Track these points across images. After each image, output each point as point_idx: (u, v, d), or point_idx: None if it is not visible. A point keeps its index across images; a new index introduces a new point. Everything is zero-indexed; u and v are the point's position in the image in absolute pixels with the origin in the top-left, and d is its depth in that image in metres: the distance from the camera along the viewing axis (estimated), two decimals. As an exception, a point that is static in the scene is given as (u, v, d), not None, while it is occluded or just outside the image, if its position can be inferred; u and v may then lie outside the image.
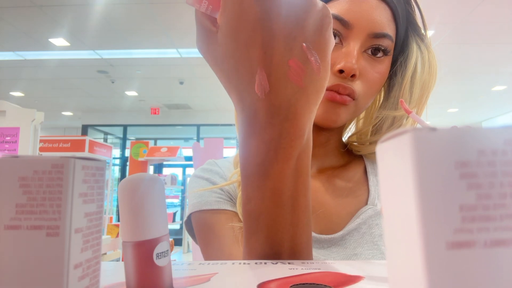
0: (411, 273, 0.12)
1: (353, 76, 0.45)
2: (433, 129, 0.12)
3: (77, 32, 3.85)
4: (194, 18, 0.56)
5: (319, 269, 0.27)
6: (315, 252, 0.45)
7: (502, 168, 0.12)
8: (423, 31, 0.52)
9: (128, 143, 7.50)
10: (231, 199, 0.49)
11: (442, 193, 0.12)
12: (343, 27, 0.45)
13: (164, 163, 5.88)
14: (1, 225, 0.15)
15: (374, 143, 0.54)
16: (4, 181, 0.15)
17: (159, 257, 0.20)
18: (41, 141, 3.74)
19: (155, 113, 6.56)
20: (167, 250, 0.21)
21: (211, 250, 0.46)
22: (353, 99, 0.46)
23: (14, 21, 3.57)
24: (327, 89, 0.45)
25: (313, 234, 0.46)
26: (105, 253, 3.25)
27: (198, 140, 7.22)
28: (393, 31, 0.48)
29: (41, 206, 0.15)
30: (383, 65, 0.48)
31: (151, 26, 3.71)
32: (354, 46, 0.45)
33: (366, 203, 0.50)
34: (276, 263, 0.29)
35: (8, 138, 2.48)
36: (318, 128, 0.49)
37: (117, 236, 3.49)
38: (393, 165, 0.13)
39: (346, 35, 0.46)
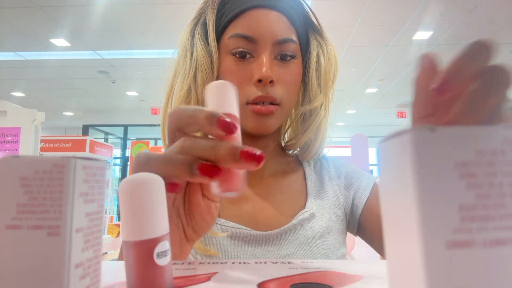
0: (411, 272, 0.12)
1: (271, 82, 0.49)
2: (433, 129, 0.12)
3: (78, 32, 3.85)
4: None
5: (319, 268, 0.27)
6: (252, 250, 0.49)
7: (501, 168, 0.12)
8: (319, 27, 0.57)
9: (128, 143, 7.50)
10: None
11: (441, 192, 0.12)
12: (250, 43, 0.50)
13: (165, 163, 5.87)
14: (2, 225, 0.15)
15: (303, 134, 0.58)
16: (5, 181, 0.16)
17: (160, 256, 0.20)
18: (42, 141, 3.74)
19: (156, 113, 6.56)
20: (168, 250, 0.21)
21: None
22: (278, 105, 0.50)
23: (15, 21, 3.58)
24: (252, 103, 0.49)
25: (253, 231, 0.50)
26: (106, 253, 3.25)
27: (198, 140, 7.20)
28: (294, 35, 0.52)
29: (42, 205, 0.15)
30: (294, 65, 0.52)
31: (152, 26, 3.71)
32: (264, 56, 0.49)
33: (304, 207, 0.54)
34: (276, 263, 0.29)
35: (9, 138, 2.48)
36: (255, 135, 0.53)
37: (118, 235, 3.50)
38: (393, 164, 0.13)
39: (254, 49, 0.50)
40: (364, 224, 0.54)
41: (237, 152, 0.25)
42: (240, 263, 0.29)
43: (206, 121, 0.26)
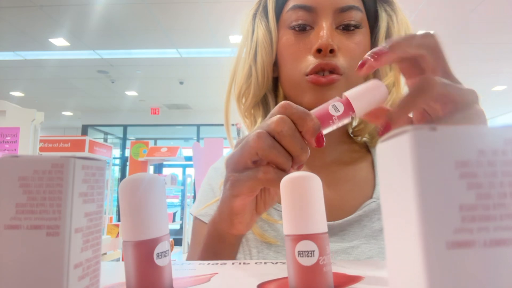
0: (411, 272, 0.12)
1: (332, 51, 0.45)
2: (434, 129, 0.12)
3: (77, 32, 3.84)
4: (193, 18, 0.56)
5: (319, 269, 0.27)
6: None
7: (502, 167, 0.12)
8: None
9: (128, 143, 7.49)
10: None
11: (442, 192, 0.12)
12: (309, 13, 0.47)
13: (164, 163, 5.88)
14: (1, 225, 0.15)
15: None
16: (4, 180, 0.15)
17: (160, 256, 0.20)
18: (41, 141, 3.73)
19: (155, 113, 6.55)
20: (168, 250, 0.21)
21: (190, 250, 0.53)
22: (340, 75, 0.45)
23: (14, 21, 3.57)
24: (309, 74, 0.45)
25: None
26: (105, 253, 3.25)
27: (198, 140, 7.21)
28: (359, 3, 0.49)
29: (41, 205, 0.15)
30: (360, 35, 0.48)
31: (151, 26, 3.70)
32: (324, 24, 0.46)
33: (371, 197, 0.49)
34: (276, 263, 0.29)
35: (8, 138, 2.48)
36: None
37: (117, 236, 3.49)
38: (393, 164, 0.13)
39: (314, 19, 0.47)
40: None
41: (316, 131, 0.32)
42: (240, 263, 0.29)
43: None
